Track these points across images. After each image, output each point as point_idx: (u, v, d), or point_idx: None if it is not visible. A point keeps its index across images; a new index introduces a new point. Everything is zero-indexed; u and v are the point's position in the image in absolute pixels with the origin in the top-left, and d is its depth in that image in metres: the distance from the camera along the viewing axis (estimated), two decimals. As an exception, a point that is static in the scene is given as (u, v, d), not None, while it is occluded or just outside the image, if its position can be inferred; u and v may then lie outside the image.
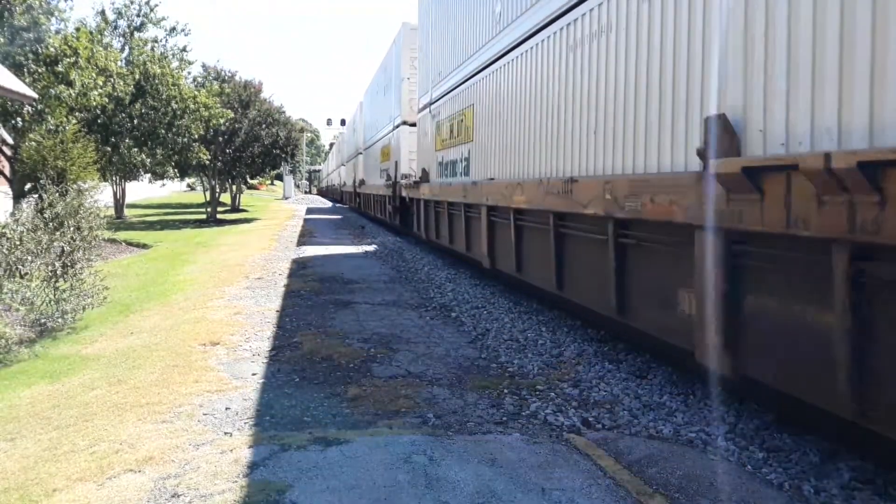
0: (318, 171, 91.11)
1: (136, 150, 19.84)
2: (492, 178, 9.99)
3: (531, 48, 8.29)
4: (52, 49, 14.65)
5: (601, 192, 5.95)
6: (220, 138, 27.18)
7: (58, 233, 8.30)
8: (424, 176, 15.04)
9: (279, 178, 62.04)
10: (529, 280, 8.64)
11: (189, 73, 23.70)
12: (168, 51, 21.47)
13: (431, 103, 14.67)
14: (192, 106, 20.26)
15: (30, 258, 7.66)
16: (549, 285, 7.71)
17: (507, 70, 9.39)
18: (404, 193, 17.82)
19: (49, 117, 13.88)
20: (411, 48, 17.54)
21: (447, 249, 13.87)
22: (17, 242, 7.62)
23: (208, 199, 29.72)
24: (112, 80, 16.86)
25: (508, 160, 9.29)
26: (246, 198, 44.72)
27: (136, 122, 19.09)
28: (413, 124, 17.35)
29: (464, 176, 11.75)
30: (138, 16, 20.54)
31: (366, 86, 29.61)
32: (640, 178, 5.38)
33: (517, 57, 8.92)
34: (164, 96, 19.43)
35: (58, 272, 8.00)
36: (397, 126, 19.03)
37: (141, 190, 39.93)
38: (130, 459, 3.96)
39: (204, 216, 28.21)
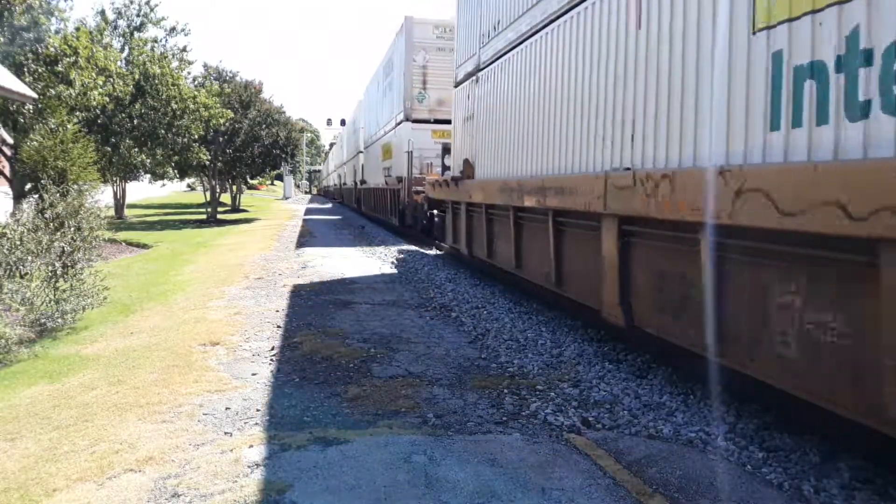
0: (318, 171, 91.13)
1: (136, 150, 19.83)
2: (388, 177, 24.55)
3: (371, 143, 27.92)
4: (52, 49, 14.62)
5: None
6: (221, 138, 27.19)
7: (58, 233, 8.29)
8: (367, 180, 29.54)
9: (279, 178, 62.06)
10: (376, 214, 23.40)
11: (189, 73, 23.68)
12: (168, 51, 21.43)
13: (367, 144, 29.95)
14: (191, 106, 20.25)
15: (30, 258, 7.64)
16: (382, 216, 23.47)
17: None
18: (360, 187, 32.56)
19: (49, 117, 13.86)
20: (357, 124, 34.81)
21: (375, 217, 26.36)
22: (18, 242, 7.61)
23: (208, 199, 29.72)
24: (112, 80, 16.83)
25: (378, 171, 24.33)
26: (246, 198, 44.72)
27: (136, 122, 19.06)
28: (361, 152, 33.02)
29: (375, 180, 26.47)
30: (138, 16, 20.49)
31: (341, 132, 52.70)
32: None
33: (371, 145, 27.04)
34: (163, 96, 19.41)
35: (58, 272, 7.99)
36: (358, 153, 34.88)
37: (141, 190, 39.92)
38: (130, 459, 3.97)
39: (204, 216, 28.21)
